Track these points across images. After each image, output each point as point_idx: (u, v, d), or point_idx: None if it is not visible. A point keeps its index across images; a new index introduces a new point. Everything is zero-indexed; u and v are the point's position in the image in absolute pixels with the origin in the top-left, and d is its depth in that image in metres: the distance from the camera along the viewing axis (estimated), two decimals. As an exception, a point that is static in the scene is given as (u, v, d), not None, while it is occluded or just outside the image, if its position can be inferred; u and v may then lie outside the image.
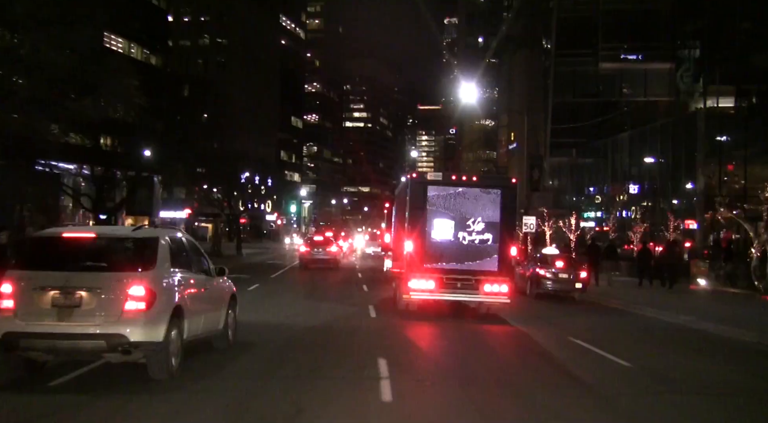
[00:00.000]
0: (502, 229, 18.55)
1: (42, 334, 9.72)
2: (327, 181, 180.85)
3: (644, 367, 13.49)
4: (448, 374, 12.24)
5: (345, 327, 17.54)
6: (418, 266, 18.42)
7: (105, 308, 9.79)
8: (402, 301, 19.38)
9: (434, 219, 18.48)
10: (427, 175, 19.53)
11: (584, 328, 19.27)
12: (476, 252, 18.40)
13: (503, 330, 18.32)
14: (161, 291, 10.27)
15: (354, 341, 15.40)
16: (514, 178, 20.93)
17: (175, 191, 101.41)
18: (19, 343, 9.74)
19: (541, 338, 16.96)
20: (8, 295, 9.85)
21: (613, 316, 23.14)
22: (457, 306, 20.06)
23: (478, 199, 18.50)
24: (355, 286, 30.53)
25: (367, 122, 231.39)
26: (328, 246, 43.48)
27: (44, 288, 9.79)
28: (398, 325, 17.97)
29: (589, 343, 15.89)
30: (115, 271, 10.20)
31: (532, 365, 13.53)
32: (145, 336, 9.82)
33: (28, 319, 9.75)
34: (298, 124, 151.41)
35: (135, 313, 9.81)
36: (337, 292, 27.46)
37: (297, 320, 18.25)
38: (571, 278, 26.34)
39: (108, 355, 10.10)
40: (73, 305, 9.71)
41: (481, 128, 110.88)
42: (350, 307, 21.68)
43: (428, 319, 19.09)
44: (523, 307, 23.56)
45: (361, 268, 46.76)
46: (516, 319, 19.79)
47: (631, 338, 18.11)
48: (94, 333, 9.75)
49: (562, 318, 21.64)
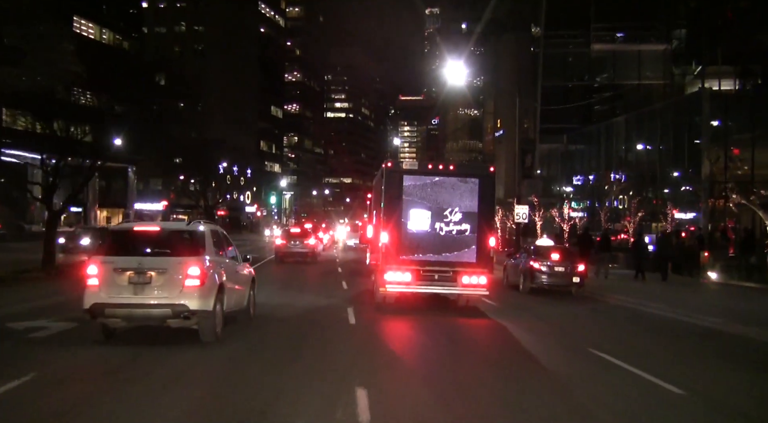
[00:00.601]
0: (480, 220, 18.10)
1: (121, 304, 12.42)
2: (308, 172, 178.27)
3: (698, 393, 10.50)
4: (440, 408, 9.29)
5: (320, 337, 14.83)
6: (394, 258, 18.03)
7: (170, 284, 12.48)
8: (379, 295, 18.79)
9: (410, 209, 18.04)
10: (403, 164, 18.98)
11: (596, 332, 17.09)
12: (454, 243, 18.01)
13: (498, 337, 15.90)
14: (210, 272, 12.92)
15: (327, 357, 12.51)
16: (492, 167, 19.71)
17: (151, 183, 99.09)
18: (103, 311, 12.42)
19: (545, 346, 14.55)
20: (94, 276, 12.53)
21: (623, 315, 20.75)
22: (437, 299, 19.65)
23: (455, 189, 18.05)
24: (334, 282, 27.79)
25: (349, 112, 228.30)
26: (306, 238, 40.58)
27: (122, 269, 12.48)
28: (379, 336, 15.58)
29: (611, 355, 13.10)
30: (176, 256, 12.86)
31: (545, 393, 10.26)
32: (200, 306, 12.49)
33: (110, 293, 12.44)
34: (278, 113, 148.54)
35: (192, 288, 12.51)
36: (313, 290, 24.59)
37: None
38: (567, 272, 24.66)
39: (171, 321, 12.64)
40: (145, 282, 12.43)
41: (465, 117, 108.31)
42: (327, 313, 18.47)
43: (408, 316, 18.09)
44: (517, 304, 21.82)
45: (342, 261, 44.04)
46: (514, 323, 17.49)
47: (658, 346, 15.37)
48: (162, 303, 12.42)
49: (564, 319, 19.31)
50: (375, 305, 19.18)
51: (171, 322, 12.72)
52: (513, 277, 26.80)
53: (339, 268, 36.65)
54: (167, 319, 12.65)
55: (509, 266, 28.05)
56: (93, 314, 12.54)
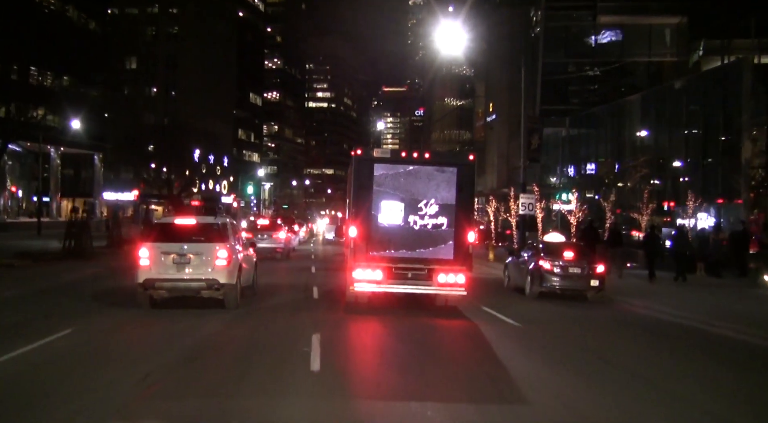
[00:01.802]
0: (459, 213, 16.78)
1: (167, 279, 16.27)
2: (289, 162, 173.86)
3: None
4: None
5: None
6: (363, 254, 16.87)
7: (204, 264, 16.36)
8: (349, 294, 17.68)
9: (381, 201, 16.81)
10: (373, 152, 17.77)
11: (634, 353, 13.25)
12: (429, 238, 16.77)
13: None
14: (233, 254, 16.80)
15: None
16: (471, 155, 18.17)
17: (122, 171, 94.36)
18: (153, 284, 16.27)
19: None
20: (146, 258, 16.29)
21: (670, 332, 16.50)
22: (418, 302, 18.23)
23: (431, 179, 16.78)
24: (303, 289, 22.28)
25: (331, 102, 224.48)
26: (275, 232, 35.47)
27: (168, 252, 16.35)
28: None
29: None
30: (209, 242, 16.67)
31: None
32: (227, 280, 16.41)
33: (158, 270, 16.25)
34: (257, 101, 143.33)
35: (221, 267, 16.38)
36: (272, 306, 18.56)
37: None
38: (584, 273, 21.33)
39: (204, 292, 16.46)
40: (186, 263, 16.31)
41: (453, 107, 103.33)
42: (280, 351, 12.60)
43: (386, 328, 15.58)
44: (525, 313, 18.28)
45: (318, 257, 39.11)
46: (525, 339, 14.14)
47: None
48: (199, 278, 16.31)
49: (596, 340, 15.04)
50: (344, 307, 17.81)
51: (204, 292, 16.36)
52: (517, 278, 23.50)
53: (313, 267, 31.14)
54: (202, 290, 16.33)
55: (511, 266, 24.45)
56: (145, 287, 16.17)
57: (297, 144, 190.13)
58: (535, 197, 32.85)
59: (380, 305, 17.76)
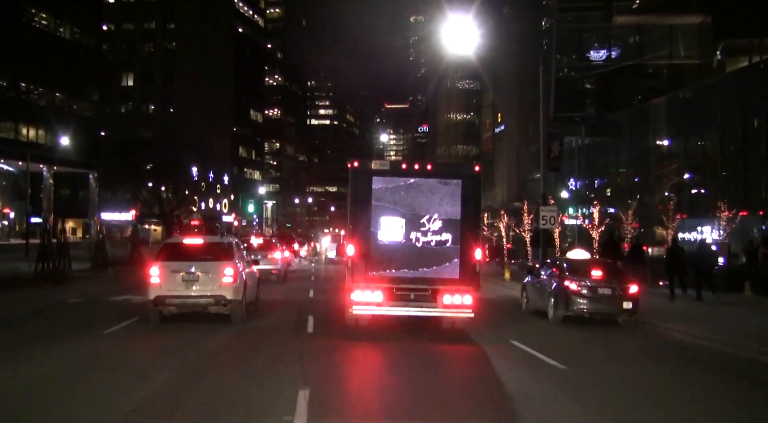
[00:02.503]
0: (464, 228, 15.75)
1: (177, 296, 17.04)
2: (291, 180, 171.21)
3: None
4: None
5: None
6: (362, 274, 15.82)
7: (212, 281, 17.15)
8: (348, 318, 16.44)
9: (381, 217, 15.80)
10: (371, 164, 16.33)
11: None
12: (433, 256, 15.76)
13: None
14: (239, 271, 17.71)
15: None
16: (477, 165, 17.27)
17: (119, 191, 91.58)
18: (164, 301, 17.04)
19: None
20: (157, 276, 17.03)
21: (744, 371, 13.70)
22: (417, 321, 16.96)
23: (433, 192, 15.79)
24: (296, 319, 18.88)
25: (333, 119, 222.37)
26: (271, 252, 32.12)
27: (177, 270, 17.10)
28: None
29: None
30: (216, 260, 17.49)
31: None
32: (233, 296, 17.20)
33: (168, 288, 17.00)
34: (257, 118, 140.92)
35: (228, 284, 17.16)
36: (254, 343, 15.15)
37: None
38: (615, 294, 18.93)
39: (212, 308, 17.22)
40: (194, 280, 17.09)
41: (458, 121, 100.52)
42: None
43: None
44: (556, 344, 15.77)
45: (319, 278, 35.81)
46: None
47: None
48: (206, 295, 17.09)
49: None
50: (342, 329, 16.50)
51: (212, 308, 17.31)
52: (537, 301, 21.08)
53: (312, 290, 27.76)
54: (210, 306, 17.27)
55: (530, 287, 21.94)
56: (155, 304, 17.10)
57: (299, 161, 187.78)
58: (557, 210, 29.76)
59: (382, 331, 16.32)
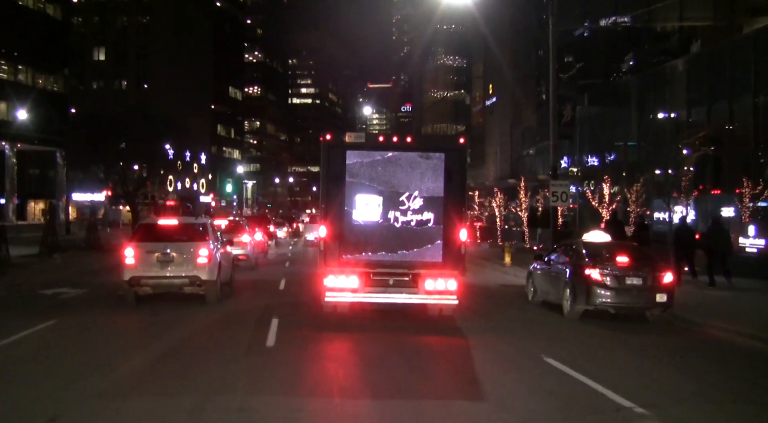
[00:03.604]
0: (448, 207, 14.48)
1: (152, 276, 17.16)
2: (272, 160, 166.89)
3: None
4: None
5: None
6: (335, 258, 14.51)
7: (187, 262, 17.30)
8: (326, 306, 15.03)
9: (356, 194, 14.53)
10: (346, 136, 14.94)
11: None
12: (413, 237, 14.50)
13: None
14: (213, 253, 17.71)
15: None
16: (462, 137, 15.56)
17: (92, 170, 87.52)
18: (139, 281, 17.15)
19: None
20: (131, 256, 17.12)
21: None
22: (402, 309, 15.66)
23: (414, 167, 14.50)
24: (252, 324, 15.14)
25: (316, 98, 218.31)
26: (237, 235, 27.71)
27: (152, 251, 17.18)
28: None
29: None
30: (191, 241, 17.69)
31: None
32: (208, 276, 17.34)
33: (143, 268, 17.11)
34: (237, 95, 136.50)
35: (203, 264, 17.29)
36: (191, 360, 11.46)
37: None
38: (646, 285, 15.92)
39: (186, 288, 17.45)
40: (169, 261, 17.20)
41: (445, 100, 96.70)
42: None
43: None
44: (591, 354, 12.64)
45: (294, 263, 32.26)
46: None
47: None
48: (181, 275, 17.28)
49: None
50: (315, 321, 15.00)
51: (186, 289, 17.48)
52: (547, 291, 18.22)
53: (284, 280, 23.92)
54: (184, 286, 17.42)
55: (539, 275, 19.01)
56: (131, 284, 17.18)
57: (280, 141, 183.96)
58: (569, 185, 25.87)
59: (362, 329, 14.41)
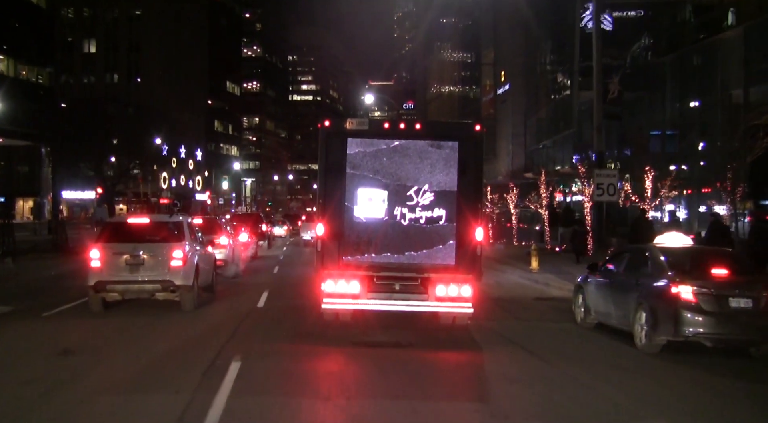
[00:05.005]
0: (461, 202, 12.67)
1: (120, 281, 15.45)
2: (272, 157, 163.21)
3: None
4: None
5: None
6: (334, 260, 12.83)
7: (159, 265, 15.55)
8: (326, 314, 13.45)
9: (358, 188, 12.76)
10: (347, 123, 12.97)
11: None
12: (422, 237, 12.75)
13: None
14: (189, 255, 16.05)
15: None
16: (478, 124, 13.24)
17: (82, 167, 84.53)
18: (105, 287, 15.41)
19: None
20: (97, 259, 15.43)
21: None
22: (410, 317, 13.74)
23: (423, 157, 12.67)
24: (194, 386, 9.31)
25: (316, 95, 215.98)
26: (216, 236, 23.25)
27: (120, 253, 15.47)
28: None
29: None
30: (164, 242, 15.99)
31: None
32: (183, 281, 15.59)
33: (111, 272, 15.38)
34: (234, 90, 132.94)
35: (177, 268, 15.56)
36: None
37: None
38: (760, 308, 11.58)
39: (159, 294, 15.71)
40: (139, 263, 15.46)
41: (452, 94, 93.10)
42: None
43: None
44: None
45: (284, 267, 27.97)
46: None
47: None
48: (153, 280, 15.53)
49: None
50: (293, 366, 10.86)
51: (159, 295, 15.74)
52: (610, 313, 13.72)
53: (266, 292, 19.02)
54: (157, 292, 15.69)
55: (594, 290, 14.45)
56: (96, 290, 15.39)
57: (280, 138, 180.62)
58: (617, 175, 21.35)
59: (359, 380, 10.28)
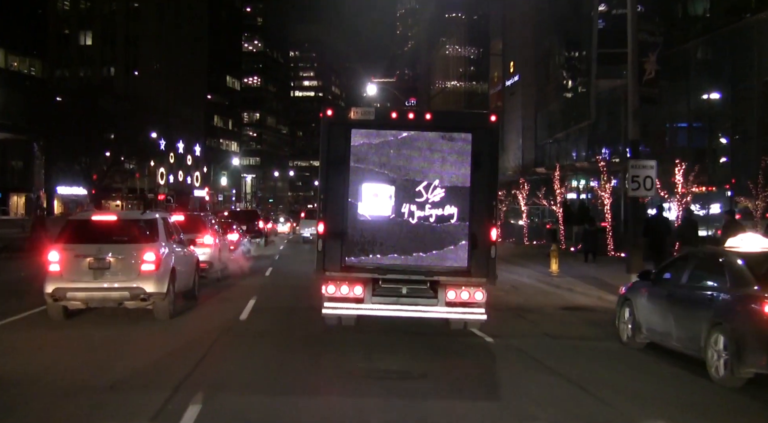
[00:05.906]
0: (475, 199, 11.48)
1: (82, 288, 13.34)
2: (273, 153, 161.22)
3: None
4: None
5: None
6: (336, 261, 11.59)
7: (127, 269, 13.49)
8: (327, 318, 12.39)
9: (362, 183, 11.57)
10: (350, 112, 11.75)
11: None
12: (432, 237, 11.54)
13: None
14: (164, 257, 13.92)
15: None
16: (493, 115, 11.84)
17: (74, 163, 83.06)
18: (65, 294, 13.29)
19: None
20: (56, 262, 13.31)
21: None
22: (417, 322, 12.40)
23: (434, 150, 11.55)
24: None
25: (318, 91, 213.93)
26: (199, 236, 20.62)
27: (83, 255, 13.37)
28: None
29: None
30: (134, 242, 13.82)
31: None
32: (156, 288, 13.49)
33: (71, 278, 13.32)
34: (235, 85, 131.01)
35: (148, 273, 13.48)
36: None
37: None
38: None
39: (128, 303, 13.63)
40: (104, 267, 13.36)
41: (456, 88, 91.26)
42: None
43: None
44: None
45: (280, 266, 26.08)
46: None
47: None
48: (121, 287, 13.42)
49: None
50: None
51: (128, 303, 13.66)
52: (670, 334, 11.00)
53: (252, 300, 16.67)
54: (125, 300, 13.60)
55: (647, 303, 11.80)
56: (55, 298, 13.31)
57: (282, 134, 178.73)
58: (655, 167, 18.63)
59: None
